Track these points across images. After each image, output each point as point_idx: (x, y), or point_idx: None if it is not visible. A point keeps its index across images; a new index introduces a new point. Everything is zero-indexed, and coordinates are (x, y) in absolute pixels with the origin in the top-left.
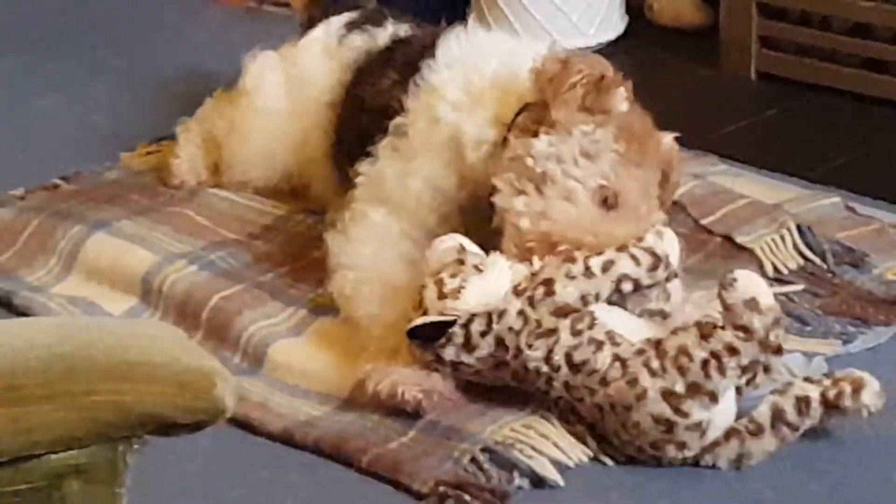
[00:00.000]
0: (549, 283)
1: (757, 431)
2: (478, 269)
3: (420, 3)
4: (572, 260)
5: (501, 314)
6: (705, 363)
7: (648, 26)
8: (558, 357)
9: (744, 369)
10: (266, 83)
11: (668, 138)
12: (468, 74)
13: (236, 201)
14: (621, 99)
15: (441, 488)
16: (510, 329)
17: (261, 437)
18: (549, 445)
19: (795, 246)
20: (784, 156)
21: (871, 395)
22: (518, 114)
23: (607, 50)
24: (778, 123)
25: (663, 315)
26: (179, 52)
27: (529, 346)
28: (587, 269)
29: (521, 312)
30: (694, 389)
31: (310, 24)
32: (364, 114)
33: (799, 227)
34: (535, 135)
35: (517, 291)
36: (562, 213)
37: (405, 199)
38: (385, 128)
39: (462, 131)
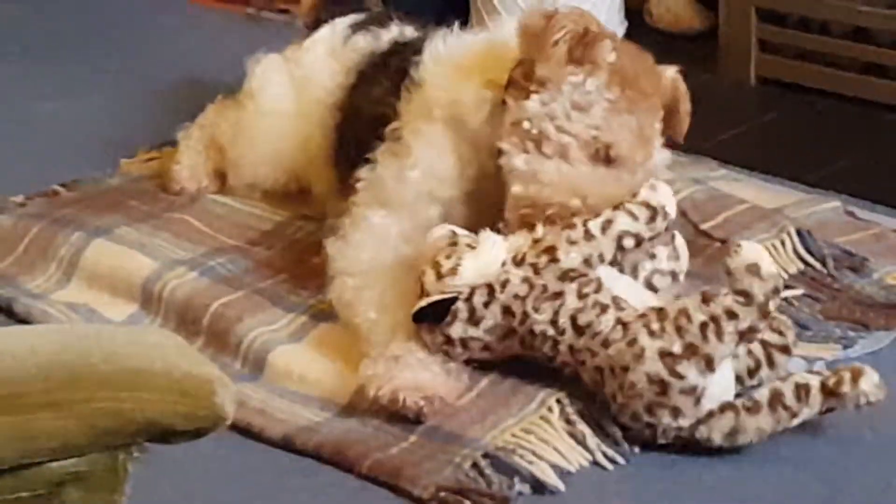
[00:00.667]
0: (551, 251)
1: (754, 409)
2: (471, 246)
3: (425, 5)
4: (572, 226)
5: (504, 284)
6: (703, 326)
7: (648, 31)
8: (564, 320)
9: (741, 335)
10: (271, 84)
11: (669, 72)
12: (455, 61)
13: (236, 207)
14: (608, 50)
15: (442, 494)
16: (516, 296)
17: (261, 442)
18: (549, 450)
19: (795, 250)
20: (784, 160)
21: (870, 384)
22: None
23: None
24: (777, 128)
25: (674, 275)
26: (179, 59)
27: (536, 310)
28: (587, 232)
29: (525, 279)
30: (691, 351)
31: (315, 26)
32: (361, 122)
33: (799, 232)
34: (528, 96)
35: (517, 261)
36: (554, 174)
37: (404, 194)
38: (381, 135)
39: (459, 100)
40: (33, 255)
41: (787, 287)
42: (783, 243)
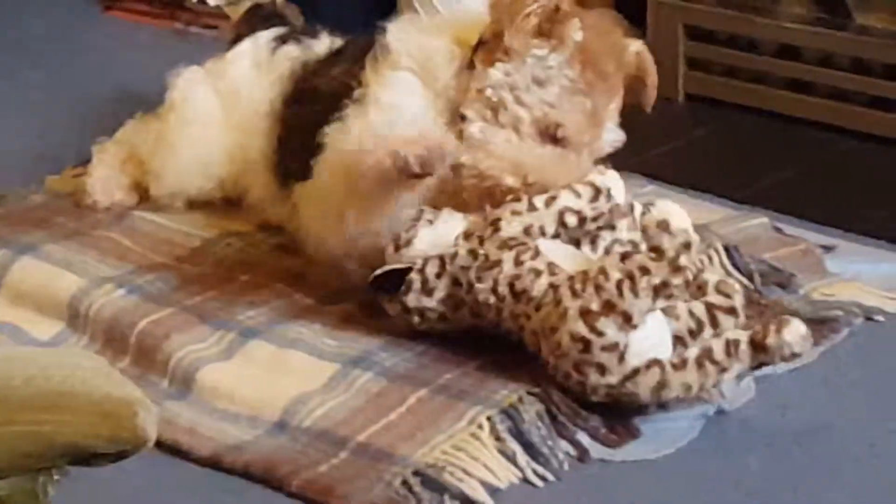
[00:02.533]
0: (496, 222)
1: (680, 365)
2: (430, 222)
3: (347, 20)
4: (518, 200)
5: (454, 256)
6: (619, 283)
7: None
8: (503, 287)
9: (655, 290)
10: (194, 95)
11: (635, 46)
12: (424, 25)
13: (164, 224)
14: (576, 28)
15: None
16: (462, 267)
17: (190, 461)
18: (479, 467)
19: (723, 266)
20: (712, 177)
21: (795, 335)
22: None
23: None
24: (705, 144)
25: (634, 245)
26: (106, 75)
27: (479, 280)
28: (530, 204)
29: (471, 251)
30: (608, 308)
31: (237, 40)
32: (316, 104)
33: (726, 248)
34: (493, 63)
35: (467, 234)
36: (503, 145)
37: (396, 124)
38: (343, 106)
39: (429, 53)
40: None
41: None
42: (710, 259)
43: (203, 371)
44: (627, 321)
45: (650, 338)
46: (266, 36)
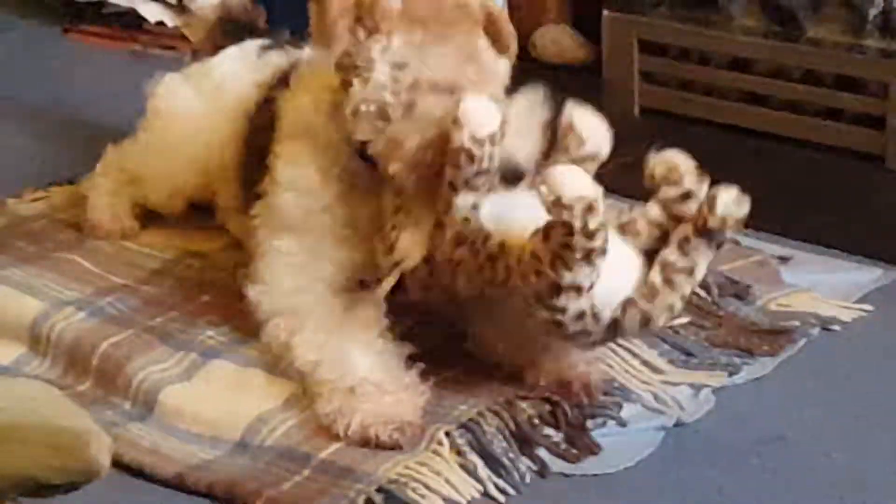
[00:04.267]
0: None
1: (651, 293)
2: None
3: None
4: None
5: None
6: (552, 263)
7: (532, 63)
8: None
9: (587, 258)
10: (178, 98)
11: None
12: (299, 75)
13: (125, 246)
14: (392, 3)
15: None
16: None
17: (154, 482)
18: (441, 483)
19: None
20: None
21: (728, 204)
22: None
23: None
24: None
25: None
26: (65, 98)
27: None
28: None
29: (426, 259)
30: (556, 289)
31: (213, 52)
32: (262, 144)
33: None
34: (351, 82)
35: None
36: (411, 127)
37: (289, 215)
38: (266, 165)
39: (301, 111)
40: None
41: None
42: None
43: (165, 392)
44: (579, 291)
45: (613, 280)
46: (253, 43)
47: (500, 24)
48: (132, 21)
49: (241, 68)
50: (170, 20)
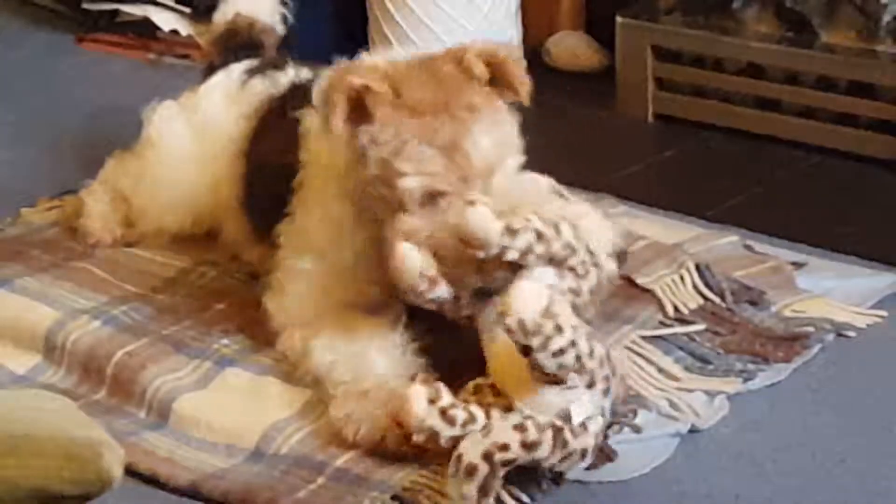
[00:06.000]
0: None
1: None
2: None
3: (320, 42)
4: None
5: None
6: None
7: (546, 70)
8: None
9: (561, 365)
10: (170, 132)
11: (469, 54)
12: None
13: (139, 255)
14: (380, 104)
15: None
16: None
17: (169, 491)
18: None
19: (695, 286)
20: (682, 196)
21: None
22: None
23: None
24: (675, 164)
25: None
26: (80, 106)
27: None
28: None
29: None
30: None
31: (209, 71)
32: (269, 170)
33: (698, 267)
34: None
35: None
36: (419, 224)
37: (319, 237)
38: (292, 188)
39: (334, 152)
40: None
41: (688, 322)
42: (683, 279)
43: (180, 400)
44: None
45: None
46: (238, 68)
47: (507, 68)
48: (146, 30)
49: (224, 102)
50: (183, 28)
